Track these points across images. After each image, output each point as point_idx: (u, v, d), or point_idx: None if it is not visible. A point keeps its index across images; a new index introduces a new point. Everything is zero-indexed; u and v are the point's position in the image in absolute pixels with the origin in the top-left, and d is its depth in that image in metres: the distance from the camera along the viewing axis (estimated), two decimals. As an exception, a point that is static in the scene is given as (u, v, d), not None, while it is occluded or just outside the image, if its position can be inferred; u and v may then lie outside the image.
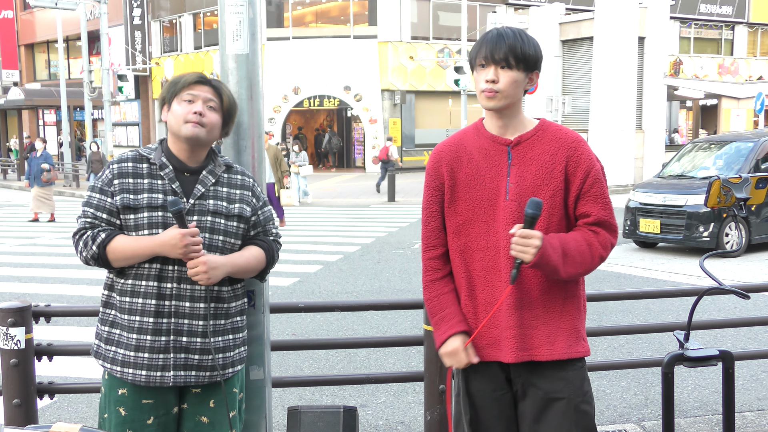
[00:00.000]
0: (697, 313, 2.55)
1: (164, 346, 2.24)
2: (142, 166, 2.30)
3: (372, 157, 23.41)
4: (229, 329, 2.36)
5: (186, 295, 2.25)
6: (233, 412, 2.39)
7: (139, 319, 2.23)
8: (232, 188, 2.37)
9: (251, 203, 2.39)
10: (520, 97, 2.16)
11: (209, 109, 2.31)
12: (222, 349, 2.32)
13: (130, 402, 2.27)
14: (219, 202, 2.32)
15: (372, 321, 6.58)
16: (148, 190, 2.26)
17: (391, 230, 13.20)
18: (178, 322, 2.25)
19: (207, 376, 2.30)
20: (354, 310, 4.26)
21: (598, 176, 2.16)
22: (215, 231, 2.28)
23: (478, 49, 2.14)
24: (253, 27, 2.74)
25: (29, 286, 8.21)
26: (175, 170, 2.30)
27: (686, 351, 2.36)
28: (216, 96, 2.33)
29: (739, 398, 4.54)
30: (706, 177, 10.38)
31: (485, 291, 2.18)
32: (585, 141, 2.20)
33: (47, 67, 38.13)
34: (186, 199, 2.28)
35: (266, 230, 2.43)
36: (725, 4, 34.39)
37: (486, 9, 28.00)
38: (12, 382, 3.14)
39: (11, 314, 3.11)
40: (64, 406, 4.59)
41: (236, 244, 2.35)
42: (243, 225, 2.36)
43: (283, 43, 27.82)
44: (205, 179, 2.32)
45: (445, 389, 3.32)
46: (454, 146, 2.24)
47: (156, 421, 2.28)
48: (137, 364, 2.23)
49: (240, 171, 2.44)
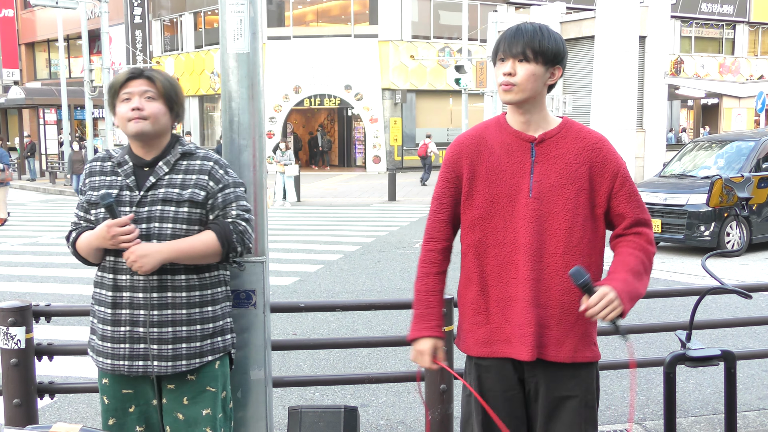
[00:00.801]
0: (699, 313, 2.54)
1: (123, 337, 2.31)
2: (106, 165, 2.42)
3: (418, 149, 24.00)
4: (197, 319, 2.35)
5: (139, 286, 2.30)
6: (207, 410, 2.37)
7: (102, 309, 2.36)
8: (189, 174, 2.37)
9: (206, 187, 2.36)
10: (541, 92, 2.15)
11: (147, 100, 2.33)
12: (186, 339, 2.32)
13: (111, 391, 2.39)
14: (171, 189, 2.33)
15: (373, 320, 6.57)
16: (107, 186, 2.36)
17: (392, 230, 13.19)
18: (133, 313, 2.31)
19: (169, 366, 2.31)
20: (355, 309, 4.26)
21: (626, 175, 2.17)
22: (164, 219, 2.31)
23: (498, 44, 2.14)
24: (254, 26, 2.74)
25: (29, 286, 8.21)
26: (134, 166, 2.38)
27: (688, 351, 2.35)
28: (151, 85, 2.34)
29: (741, 398, 4.53)
30: (708, 176, 10.38)
31: (499, 287, 2.17)
32: (608, 141, 2.20)
33: (48, 66, 38.12)
34: (139, 192, 2.34)
35: (225, 213, 2.37)
36: (726, 3, 34.36)
37: (487, 8, 27.97)
38: (12, 381, 3.14)
39: (11, 314, 3.10)
40: (65, 405, 4.58)
41: (191, 230, 2.33)
42: (198, 210, 2.34)
43: (283, 42, 27.81)
44: (159, 169, 2.37)
45: (445, 389, 3.32)
46: (475, 139, 2.22)
47: (137, 410, 2.38)
48: (104, 353, 2.35)
49: (202, 156, 2.42)
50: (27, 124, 32.60)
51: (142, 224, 2.30)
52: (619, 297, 1.99)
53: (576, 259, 2.10)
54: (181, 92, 2.44)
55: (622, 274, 2.07)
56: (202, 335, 2.36)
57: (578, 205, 2.11)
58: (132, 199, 2.33)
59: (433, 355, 2.22)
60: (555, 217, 2.11)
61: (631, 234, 2.17)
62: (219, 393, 2.41)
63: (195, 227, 2.34)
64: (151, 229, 2.30)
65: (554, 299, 2.12)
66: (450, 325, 3.31)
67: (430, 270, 2.28)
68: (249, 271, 2.73)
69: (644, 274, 2.12)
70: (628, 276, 2.06)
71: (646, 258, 2.14)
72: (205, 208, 2.36)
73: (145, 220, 2.31)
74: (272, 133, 27.20)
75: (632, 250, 2.14)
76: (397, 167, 23.96)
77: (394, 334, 6.01)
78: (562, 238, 2.11)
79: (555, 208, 2.11)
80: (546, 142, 2.15)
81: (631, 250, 2.14)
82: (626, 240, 2.17)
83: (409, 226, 13.66)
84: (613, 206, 2.15)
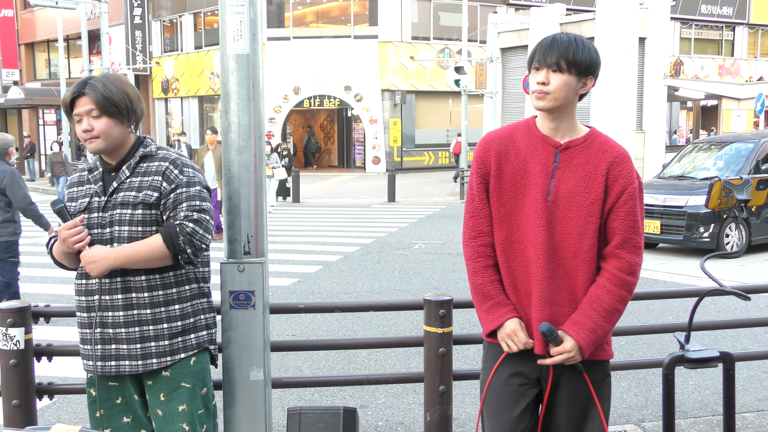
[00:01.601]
0: (698, 314, 2.55)
1: (95, 338, 2.39)
2: (84, 174, 2.50)
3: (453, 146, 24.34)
4: (164, 318, 2.39)
5: (105, 289, 2.38)
6: (182, 405, 2.40)
7: (79, 314, 2.47)
8: (146, 176, 2.41)
9: (159, 188, 2.38)
10: (573, 101, 2.23)
11: (95, 119, 2.35)
12: (153, 337, 2.38)
13: (100, 383, 2.46)
14: (127, 193, 2.39)
15: (372, 322, 6.57)
16: (83, 195, 2.45)
17: (391, 230, 13.19)
18: (103, 315, 2.38)
19: (140, 365, 2.37)
20: (354, 310, 4.26)
21: (633, 194, 2.23)
22: (121, 222, 2.37)
23: (534, 53, 2.23)
24: (254, 27, 2.74)
25: (29, 286, 8.20)
26: (103, 171, 2.45)
27: (687, 352, 2.36)
28: (92, 102, 2.34)
29: (740, 399, 4.53)
30: (707, 178, 10.38)
31: (525, 282, 2.26)
32: (629, 157, 2.27)
33: (47, 66, 38.10)
34: (104, 195, 2.41)
35: (175, 214, 2.38)
36: (726, 5, 34.38)
37: (487, 9, 27.98)
38: (11, 382, 3.14)
39: (10, 314, 3.10)
40: (64, 406, 4.58)
41: (147, 232, 2.37)
42: (152, 211, 2.38)
43: (283, 43, 27.82)
44: (122, 174, 2.42)
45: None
46: (504, 139, 2.30)
47: (124, 401, 2.46)
48: (84, 354, 2.46)
49: (160, 157, 2.44)
50: (26, 124, 32.60)
51: (106, 228, 2.38)
52: (582, 348, 2.17)
53: (584, 265, 2.21)
54: (123, 94, 2.38)
55: (593, 318, 2.19)
56: (170, 333, 2.40)
57: (591, 213, 2.20)
58: (99, 204, 2.40)
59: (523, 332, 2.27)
60: (568, 222, 2.21)
61: (615, 259, 2.23)
62: (197, 389, 2.44)
63: (151, 228, 2.37)
64: (113, 233, 2.38)
65: (565, 298, 2.23)
66: (450, 326, 3.31)
67: (486, 263, 2.32)
68: (248, 272, 2.73)
69: (617, 312, 2.22)
70: (599, 320, 2.19)
71: (624, 290, 2.22)
72: (158, 209, 2.39)
73: (108, 224, 2.38)
74: (272, 134, 27.20)
75: (611, 286, 2.21)
76: (396, 168, 23.93)
77: (394, 336, 6.01)
78: (573, 243, 2.21)
79: (569, 214, 2.21)
80: (570, 150, 2.24)
81: (610, 285, 2.22)
82: (608, 269, 2.23)
83: (408, 227, 13.67)
84: (610, 219, 2.23)
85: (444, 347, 3.29)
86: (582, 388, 2.26)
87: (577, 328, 2.18)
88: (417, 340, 3.50)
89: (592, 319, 2.18)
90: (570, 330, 2.18)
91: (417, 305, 3.44)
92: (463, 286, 8.15)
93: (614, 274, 2.22)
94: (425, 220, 14.76)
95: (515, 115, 21.75)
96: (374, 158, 28.12)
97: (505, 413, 2.29)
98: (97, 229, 2.39)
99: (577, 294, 2.23)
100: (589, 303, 2.21)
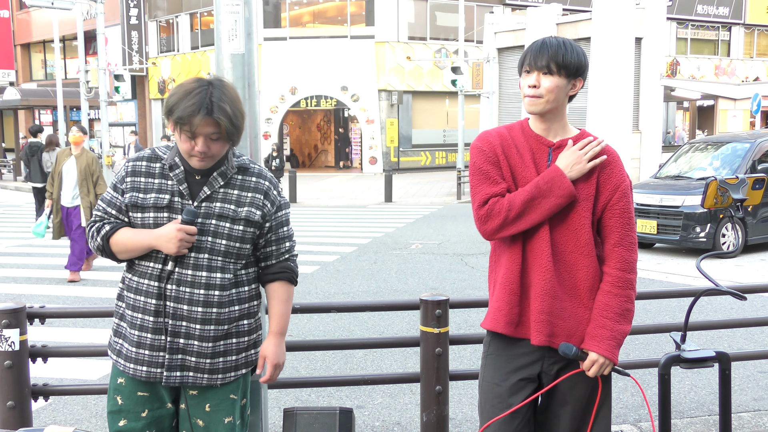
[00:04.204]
0: (694, 314, 2.55)
1: (163, 345, 2.26)
2: (155, 166, 2.32)
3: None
4: (234, 333, 2.34)
5: (185, 298, 2.25)
6: (228, 417, 2.36)
7: (140, 316, 2.28)
8: (244, 191, 2.33)
9: (262, 207, 2.34)
10: (563, 102, 2.30)
11: (212, 142, 2.22)
12: (223, 353, 2.31)
13: (126, 392, 2.33)
14: (227, 205, 2.29)
15: (369, 322, 6.57)
16: (156, 190, 2.28)
17: (388, 231, 13.19)
18: (176, 324, 2.26)
19: (205, 378, 2.30)
20: (351, 311, 4.25)
21: (626, 191, 2.31)
22: (218, 235, 2.28)
23: (524, 58, 2.29)
24: (249, 27, 2.74)
25: (24, 287, 8.18)
26: (185, 172, 2.30)
27: (683, 352, 2.36)
28: (217, 128, 2.20)
29: (736, 399, 4.54)
30: (703, 178, 10.39)
31: (527, 274, 2.31)
32: (618, 156, 2.34)
33: (44, 66, 38.04)
34: (192, 201, 2.28)
35: (279, 247, 2.41)
36: (722, 5, 34.46)
37: (483, 9, 28.01)
38: (6, 384, 3.13)
39: (6, 316, 3.10)
40: (59, 408, 4.56)
41: (243, 248, 2.32)
42: (251, 229, 2.32)
43: (280, 43, 27.80)
44: (214, 181, 2.30)
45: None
46: (504, 136, 2.37)
47: (150, 414, 2.32)
48: (138, 360, 2.28)
49: (256, 172, 2.37)
50: (23, 125, 32.53)
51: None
52: (608, 358, 2.24)
53: (584, 258, 2.27)
54: (243, 119, 2.29)
55: (608, 327, 2.25)
56: (238, 348, 2.36)
57: (585, 208, 2.28)
58: (183, 207, 2.27)
59: None
60: (565, 217, 2.27)
61: (615, 259, 2.29)
62: (240, 401, 2.41)
63: (247, 246, 2.33)
64: (203, 242, 2.26)
65: (567, 292, 2.29)
66: (446, 326, 3.31)
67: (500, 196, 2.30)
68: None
69: (627, 312, 2.29)
70: (614, 326, 2.25)
71: (629, 289, 2.29)
72: (261, 228, 2.35)
73: (198, 232, 2.26)
74: (268, 134, 27.19)
75: (616, 289, 2.28)
76: (393, 168, 23.94)
77: (390, 336, 6.01)
78: (571, 238, 2.28)
79: (565, 210, 2.27)
80: (562, 149, 2.32)
81: (615, 289, 2.28)
82: (609, 272, 2.29)
83: (405, 227, 13.67)
84: (606, 217, 2.30)
85: (440, 347, 3.29)
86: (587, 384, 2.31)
87: (596, 342, 2.24)
88: (413, 340, 3.50)
89: (607, 328, 2.25)
90: (590, 346, 2.25)
91: (413, 305, 3.44)
92: (459, 286, 8.15)
93: (616, 276, 2.28)
94: (422, 221, 14.76)
95: (512, 115, 21.78)
96: (371, 158, 28.13)
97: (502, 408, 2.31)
98: None
99: (579, 288, 2.28)
100: (600, 312, 2.26)
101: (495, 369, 2.36)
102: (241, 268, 2.35)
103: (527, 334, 2.31)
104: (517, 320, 2.33)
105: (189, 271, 2.25)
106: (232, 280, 2.31)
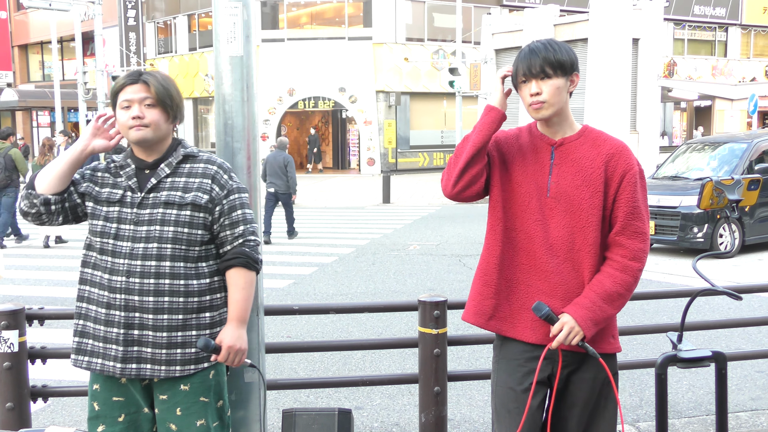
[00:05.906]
0: (691, 314, 2.56)
1: (115, 338, 2.28)
2: (111, 166, 2.44)
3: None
4: (194, 325, 2.33)
5: (135, 289, 2.27)
6: (201, 420, 2.34)
7: (94, 308, 2.32)
8: (192, 177, 2.37)
9: (210, 191, 2.35)
10: (566, 101, 2.30)
11: (147, 108, 2.32)
12: (181, 344, 2.31)
13: (102, 398, 2.35)
14: (173, 192, 2.34)
15: (367, 323, 6.58)
16: (111, 185, 2.37)
17: (386, 232, 13.20)
18: (128, 315, 2.28)
19: (162, 370, 2.30)
20: (349, 312, 4.25)
21: (632, 180, 2.28)
22: (165, 222, 2.31)
23: (516, 69, 2.29)
24: (248, 29, 2.74)
25: (23, 289, 8.18)
26: (136, 168, 2.38)
27: (679, 352, 2.37)
28: (148, 91, 2.32)
29: (733, 398, 4.55)
30: (700, 178, 10.41)
31: (510, 269, 2.33)
32: (627, 147, 2.33)
33: (41, 68, 38.00)
34: (140, 192, 2.34)
35: (233, 231, 2.37)
36: (719, 6, 34.51)
37: (481, 10, 28.03)
38: (5, 385, 3.13)
39: (4, 317, 3.10)
40: (58, 409, 4.57)
41: (193, 234, 2.33)
42: (201, 214, 2.33)
43: (277, 44, 27.80)
44: (161, 171, 2.36)
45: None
46: (509, 133, 2.42)
47: (127, 418, 2.34)
48: (94, 352, 2.32)
49: (204, 159, 2.42)
50: (20, 126, 32.50)
51: (143, 226, 2.30)
52: (579, 324, 2.19)
53: (589, 257, 2.26)
54: (177, 93, 2.41)
55: (591, 298, 2.23)
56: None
57: (593, 205, 2.26)
58: (133, 200, 2.33)
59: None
60: (571, 216, 2.27)
61: (616, 246, 2.28)
62: (213, 403, 2.39)
63: (197, 231, 2.33)
64: (151, 232, 2.29)
65: (573, 292, 2.27)
66: (444, 327, 3.32)
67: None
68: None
69: (620, 297, 2.25)
70: (597, 300, 2.22)
71: (627, 275, 2.25)
72: (210, 213, 2.35)
73: (146, 222, 2.30)
74: (266, 136, 27.18)
75: (613, 271, 2.26)
76: (391, 169, 23.94)
77: (389, 337, 6.02)
78: (578, 237, 2.28)
79: (571, 208, 2.27)
80: (565, 146, 2.32)
81: (612, 271, 2.26)
82: (610, 256, 2.29)
83: (403, 229, 13.67)
84: (614, 209, 2.28)
85: (439, 348, 3.30)
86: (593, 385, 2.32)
87: (573, 307, 2.23)
88: (412, 341, 3.51)
89: (589, 299, 2.22)
90: (568, 309, 2.23)
91: (412, 306, 3.45)
92: (457, 287, 8.16)
93: (615, 259, 2.26)
94: (420, 222, 14.77)
95: (510, 116, 21.68)
96: (369, 160, 28.12)
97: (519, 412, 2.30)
98: (129, 225, 2.30)
99: (579, 287, 2.28)
100: (590, 286, 2.26)
101: (508, 373, 2.35)
102: (197, 259, 2.34)
103: (523, 335, 2.31)
104: (490, 313, 2.33)
105: (138, 262, 2.28)
106: (183, 269, 2.31)
